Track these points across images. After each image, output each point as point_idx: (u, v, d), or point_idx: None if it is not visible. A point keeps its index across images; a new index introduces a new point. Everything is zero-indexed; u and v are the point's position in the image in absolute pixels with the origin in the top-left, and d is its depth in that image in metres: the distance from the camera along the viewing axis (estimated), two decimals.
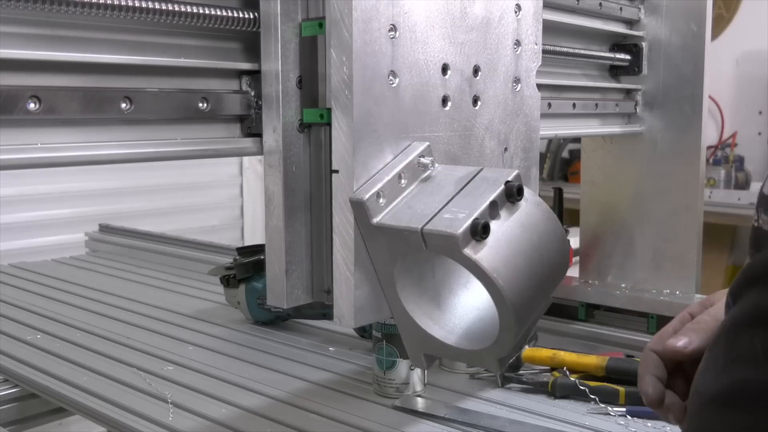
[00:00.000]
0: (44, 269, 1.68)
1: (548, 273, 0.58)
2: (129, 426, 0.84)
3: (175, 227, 2.39)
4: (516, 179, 0.58)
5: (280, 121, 0.61)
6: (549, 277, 0.58)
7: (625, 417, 0.86)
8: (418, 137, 0.62)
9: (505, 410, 0.88)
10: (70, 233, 2.29)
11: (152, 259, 1.77)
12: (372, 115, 0.58)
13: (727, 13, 3.10)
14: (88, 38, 0.56)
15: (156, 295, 1.43)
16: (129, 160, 0.60)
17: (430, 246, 0.55)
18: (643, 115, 1.19)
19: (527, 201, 0.58)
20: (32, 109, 0.52)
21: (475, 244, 0.54)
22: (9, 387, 1.00)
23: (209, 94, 0.63)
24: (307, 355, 1.07)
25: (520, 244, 0.56)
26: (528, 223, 0.57)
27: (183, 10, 0.58)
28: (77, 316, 1.28)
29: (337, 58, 0.57)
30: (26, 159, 0.54)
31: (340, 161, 0.58)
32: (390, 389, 0.91)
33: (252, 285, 1.20)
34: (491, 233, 0.54)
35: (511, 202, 0.57)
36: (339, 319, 0.60)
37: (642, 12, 1.17)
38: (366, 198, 0.57)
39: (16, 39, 0.53)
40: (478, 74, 0.68)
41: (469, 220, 0.54)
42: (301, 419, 0.85)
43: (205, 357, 1.07)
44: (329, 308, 0.61)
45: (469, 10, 0.66)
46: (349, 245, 0.58)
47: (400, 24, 0.60)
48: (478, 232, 0.53)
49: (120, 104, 0.57)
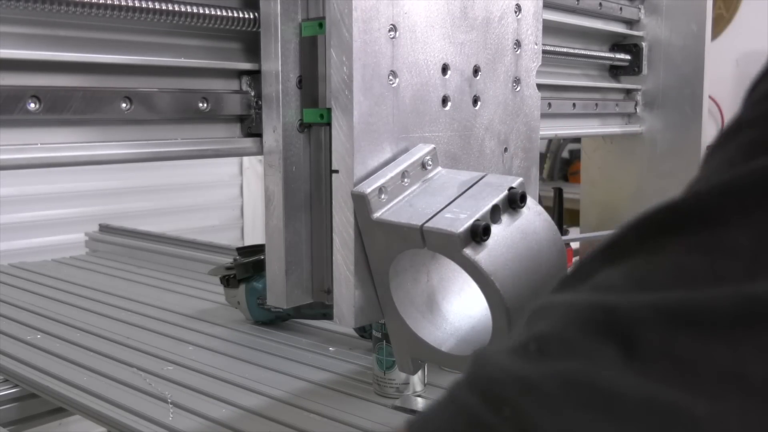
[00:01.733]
0: (44, 269, 1.68)
1: (544, 282, 0.58)
2: (129, 426, 0.84)
3: (175, 227, 2.39)
4: (520, 186, 0.58)
5: (280, 121, 0.61)
6: (545, 286, 0.58)
7: None
8: (418, 137, 0.62)
9: None
10: (70, 233, 2.29)
11: (152, 259, 1.77)
12: (372, 115, 0.58)
13: (727, 13, 3.10)
14: (88, 38, 0.57)
15: (156, 295, 1.43)
16: (129, 160, 0.60)
17: (429, 245, 0.55)
18: (643, 115, 1.19)
19: (529, 209, 0.58)
20: (32, 109, 0.52)
21: (475, 245, 0.54)
22: (9, 387, 1.00)
23: (209, 94, 0.63)
24: (307, 355, 1.07)
25: (519, 250, 0.56)
26: (529, 230, 0.57)
27: (183, 10, 0.58)
28: (77, 316, 1.28)
29: (337, 58, 0.57)
30: (26, 159, 0.54)
31: (340, 161, 0.58)
32: (390, 389, 0.91)
33: (252, 285, 1.20)
34: (491, 236, 0.54)
35: (513, 208, 0.57)
36: (339, 319, 0.60)
37: (642, 12, 1.17)
38: (368, 192, 0.57)
39: (16, 39, 0.53)
40: (478, 74, 0.68)
41: (470, 221, 0.54)
42: (301, 419, 0.85)
43: (205, 357, 1.07)
44: (329, 308, 0.61)
45: (469, 10, 0.66)
46: (349, 245, 0.58)
47: (400, 24, 0.60)
48: (478, 234, 0.53)
49: (120, 104, 0.57)
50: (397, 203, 0.58)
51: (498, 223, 0.56)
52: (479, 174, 0.60)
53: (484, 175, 0.60)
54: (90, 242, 1.95)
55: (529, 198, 0.58)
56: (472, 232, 0.53)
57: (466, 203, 0.56)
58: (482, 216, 0.55)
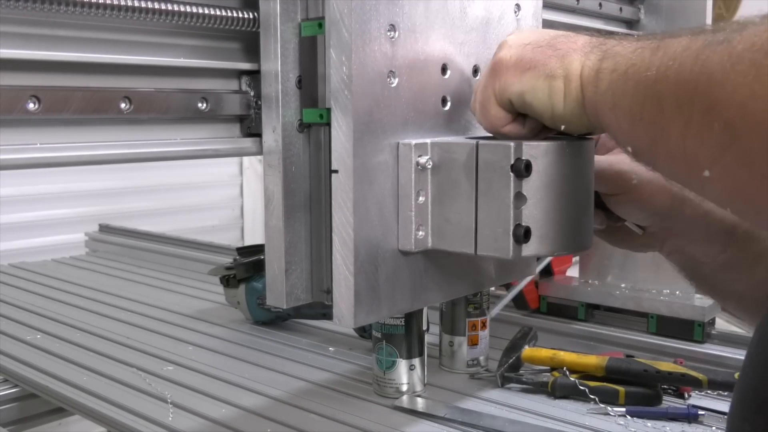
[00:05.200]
0: (44, 269, 1.68)
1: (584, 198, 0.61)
2: (129, 426, 0.84)
3: (175, 227, 2.39)
4: (516, 153, 0.57)
5: (279, 121, 0.61)
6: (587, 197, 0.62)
7: (625, 417, 0.86)
8: (417, 137, 0.62)
9: (505, 410, 0.88)
10: (70, 233, 2.29)
11: (152, 259, 1.77)
12: (372, 115, 0.58)
13: (727, 13, 3.10)
14: (88, 38, 0.57)
15: (156, 295, 1.43)
16: (129, 160, 0.60)
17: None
18: None
19: (537, 161, 0.58)
20: (32, 109, 0.52)
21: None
22: (9, 387, 1.00)
23: (209, 94, 0.63)
24: (307, 355, 1.07)
25: (552, 201, 0.58)
26: (548, 181, 0.58)
27: (183, 10, 0.58)
28: (77, 316, 1.28)
29: (336, 58, 0.57)
30: (26, 159, 0.54)
31: (339, 161, 0.58)
32: (390, 389, 0.91)
33: (252, 285, 1.20)
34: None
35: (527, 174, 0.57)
36: (339, 319, 0.60)
37: (642, 12, 1.17)
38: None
39: (16, 39, 0.53)
40: (477, 74, 0.68)
41: (510, 231, 0.57)
42: (301, 419, 0.85)
43: (205, 357, 1.07)
44: (329, 308, 0.61)
45: (469, 10, 0.66)
46: (349, 245, 0.58)
47: (400, 24, 0.60)
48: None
49: (120, 104, 0.57)
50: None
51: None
52: (470, 144, 0.60)
53: (477, 147, 0.59)
54: (90, 242, 1.95)
55: (530, 154, 0.57)
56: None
57: (491, 209, 0.59)
58: (515, 217, 0.57)
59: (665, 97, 0.44)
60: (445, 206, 0.61)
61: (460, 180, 0.60)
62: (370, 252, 0.60)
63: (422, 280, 0.65)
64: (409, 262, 0.63)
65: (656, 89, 0.44)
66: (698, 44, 0.42)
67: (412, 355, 0.91)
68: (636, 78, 0.47)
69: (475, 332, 0.99)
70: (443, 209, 0.61)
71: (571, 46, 0.55)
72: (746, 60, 0.38)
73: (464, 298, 0.97)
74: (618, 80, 0.49)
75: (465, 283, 0.71)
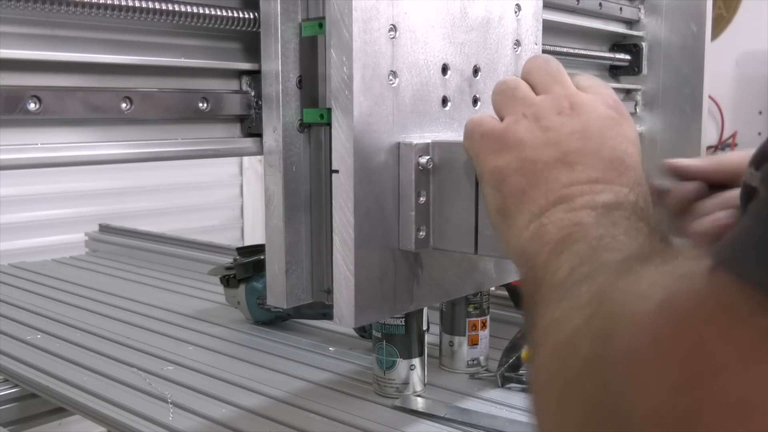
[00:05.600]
0: (44, 269, 1.68)
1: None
2: (129, 426, 0.84)
3: (175, 227, 2.39)
4: None
5: (280, 121, 0.61)
6: None
7: None
8: (418, 137, 0.62)
9: (505, 410, 0.88)
10: (70, 233, 2.29)
11: (152, 259, 1.77)
12: (372, 115, 0.58)
13: (727, 13, 3.10)
14: (88, 38, 0.57)
15: (156, 295, 1.43)
16: (129, 160, 0.60)
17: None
18: (643, 115, 1.19)
19: None
20: (32, 109, 0.52)
21: None
22: (9, 387, 1.00)
23: (209, 94, 0.63)
24: (307, 355, 1.07)
25: None
26: None
27: (183, 10, 0.58)
28: (77, 316, 1.28)
29: (337, 58, 0.57)
30: (26, 159, 0.54)
31: (340, 161, 0.58)
32: (390, 389, 0.91)
33: (252, 285, 1.20)
34: None
35: None
36: (339, 319, 0.60)
37: (642, 12, 1.17)
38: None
39: (16, 39, 0.53)
40: (478, 74, 0.68)
41: None
42: (301, 419, 0.85)
43: (205, 357, 1.07)
44: (329, 308, 0.61)
45: (469, 10, 0.66)
46: (349, 245, 0.58)
47: (400, 24, 0.60)
48: None
49: (120, 104, 0.57)
50: None
51: None
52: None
53: None
54: (90, 242, 1.95)
55: None
56: None
57: None
58: None
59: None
60: (446, 206, 0.61)
61: (461, 180, 0.60)
62: (370, 252, 0.60)
63: (423, 280, 0.65)
64: (409, 262, 0.63)
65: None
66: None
67: (412, 355, 0.91)
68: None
69: (475, 332, 0.99)
70: (444, 209, 0.61)
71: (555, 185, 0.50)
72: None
73: (464, 298, 0.97)
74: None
75: (465, 283, 0.71)
